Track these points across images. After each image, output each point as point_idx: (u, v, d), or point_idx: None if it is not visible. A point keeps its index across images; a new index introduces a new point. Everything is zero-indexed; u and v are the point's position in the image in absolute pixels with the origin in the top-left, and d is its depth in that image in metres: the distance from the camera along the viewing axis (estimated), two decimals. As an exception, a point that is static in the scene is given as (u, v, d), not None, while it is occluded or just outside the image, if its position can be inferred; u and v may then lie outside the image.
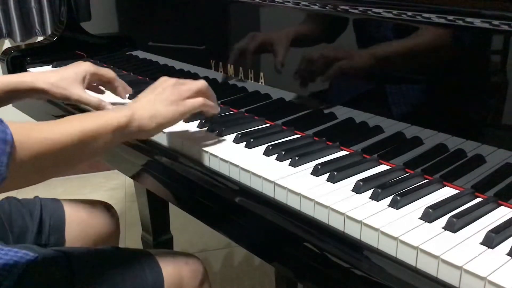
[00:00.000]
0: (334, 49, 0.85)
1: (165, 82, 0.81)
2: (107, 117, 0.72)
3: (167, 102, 0.78)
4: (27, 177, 0.64)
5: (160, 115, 0.77)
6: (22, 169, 0.61)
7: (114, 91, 1.03)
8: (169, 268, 0.86)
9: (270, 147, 0.82)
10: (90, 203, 1.09)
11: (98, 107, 0.95)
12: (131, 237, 1.90)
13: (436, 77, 0.73)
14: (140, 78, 1.29)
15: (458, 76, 0.71)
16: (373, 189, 0.69)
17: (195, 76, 1.13)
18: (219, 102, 1.06)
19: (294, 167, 0.77)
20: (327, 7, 0.82)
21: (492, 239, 0.58)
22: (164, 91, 0.80)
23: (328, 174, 0.73)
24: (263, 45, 0.94)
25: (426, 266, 0.57)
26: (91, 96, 0.97)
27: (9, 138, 0.58)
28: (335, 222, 0.65)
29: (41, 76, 0.95)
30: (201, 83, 0.83)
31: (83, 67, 0.98)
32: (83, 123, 0.69)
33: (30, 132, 0.62)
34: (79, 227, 1.02)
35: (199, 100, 0.82)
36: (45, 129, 0.65)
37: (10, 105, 1.00)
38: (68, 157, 0.68)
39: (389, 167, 0.77)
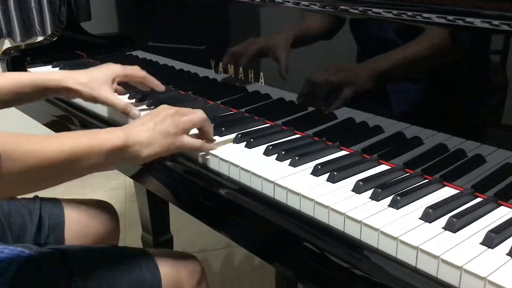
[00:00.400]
0: (333, 49, 0.85)
1: (165, 111, 0.80)
2: (102, 138, 0.71)
3: (166, 133, 0.77)
4: (13, 188, 0.63)
5: (157, 145, 0.76)
6: (8, 179, 0.60)
7: (147, 89, 1.04)
8: (167, 268, 0.86)
9: (270, 147, 0.82)
10: (90, 202, 1.09)
11: (124, 111, 0.95)
12: (131, 237, 1.89)
13: (436, 77, 0.73)
14: (140, 78, 1.29)
15: (458, 76, 0.71)
16: (373, 189, 0.69)
17: (194, 76, 1.13)
18: (219, 102, 1.07)
19: (294, 167, 0.77)
20: (327, 7, 0.82)
21: (492, 239, 0.58)
22: (163, 121, 0.78)
23: (328, 174, 0.73)
24: (264, 52, 0.94)
25: (426, 266, 0.57)
26: (118, 99, 0.98)
27: None
28: (335, 222, 0.65)
29: (71, 75, 0.96)
30: (200, 116, 0.82)
31: (112, 69, 0.99)
32: (76, 141, 0.68)
33: (19, 143, 0.62)
34: (78, 227, 1.02)
35: (198, 143, 0.81)
36: (35, 142, 0.64)
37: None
38: (56, 172, 0.67)
39: (389, 167, 0.77)
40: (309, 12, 0.87)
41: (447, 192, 0.70)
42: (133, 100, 1.08)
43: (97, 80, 0.96)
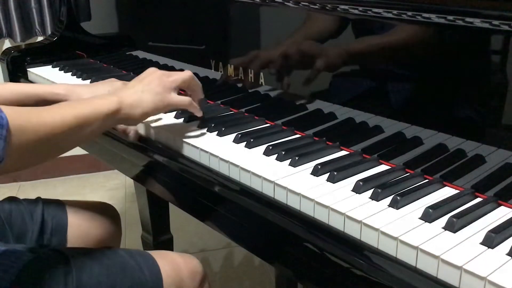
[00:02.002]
0: (333, 49, 0.85)
1: (152, 74, 0.85)
2: (97, 103, 0.76)
3: (153, 93, 0.82)
4: (25, 160, 0.67)
5: (146, 104, 0.81)
6: (22, 152, 0.64)
7: None
8: (168, 269, 0.86)
9: (270, 147, 0.82)
10: (92, 205, 1.08)
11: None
12: (131, 237, 1.90)
13: (436, 77, 0.73)
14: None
15: (458, 76, 0.71)
16: (373, 189, 0.69)
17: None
18: (219, 102, 1.07)
19: (294, 167, 0.77)
20: (327, 7, 0.82)
21: (492, 239, 0.58)
22: (150, 82, 0.83)
23: (328, 174, 0.73)
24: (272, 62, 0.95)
25: (426, 266, 0.57)
26: None
27: (4, 123, 0.60)
28: (335, 222, 0.65)
29: (75, 90, 0.98)
30: (186, 74, 0.87)
31: (115, 86, 0.99)
32: (77, 109, 0.73)
33: (30, 116, 0.66)
34: (81, 229, 1.02)
35: (186, 99, 0.87)
36: (44, 114, 0.68)
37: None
38: (63, 140, 0.72)
39: (389, 167, 0.77)
40: (309, 12, 0.87)
41: (447, 192, 0.70)
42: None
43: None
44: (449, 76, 0.72)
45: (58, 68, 1.39)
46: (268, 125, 0.95)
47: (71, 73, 1.34)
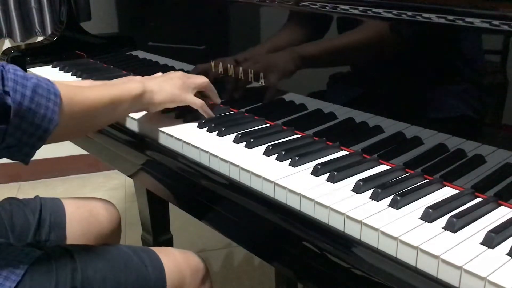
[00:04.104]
0: (333, 49, 0.85)
1: (173, 73, 0.97)
2: (127, 87, 0.87)
3: (173, 86, 0.93)
4: (71, 130, 0.80)
5: (165, 93, 0.92)
6: (69, 121, 0.75)
7: None
8: (170, 265, 0.87)
9: (270, 147, 0.82)
10: (91, 201, 1.09)
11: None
12: (131, 237, 1.90)
13: (436, 77, 0.73)
14: (140, 78, 1.29)
15: (458, 76, 0.71)
16: (373, 189, 0.69)
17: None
18: (219, 102, 1.06)
19: (294, 167, 0.77)
20: (327, 7, 0.82)
21: (492, 239, 0.58)
22: (172, 78, 0.95)
23: (328, 174, 0.73)
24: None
25: (426, 266, 0.57)
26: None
27: (58, 93, 0.72)
28: (335, 222, 0.65)
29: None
30: (204, 79, 0.99)
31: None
32: (112, 91, 0.85)
33: (76, 91, 0.78)
34: (80, 225, 1.02)
35: (200, 101, 0.96)
36: (87, 92, 0.80)
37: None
38: (101, 115, 0.83)
39: (389, 167, 0.77)
40: (309, 13, 0.86)
41: (447, 192, 0.70)
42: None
43: None
44: (449, 76, 0.72)
45: (58, 68, 1.39)
46: (268, 125, 0.95)
47: (71, 73, 1.34)
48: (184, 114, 0.97)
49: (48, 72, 1.37)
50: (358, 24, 0.80)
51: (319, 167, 0.75)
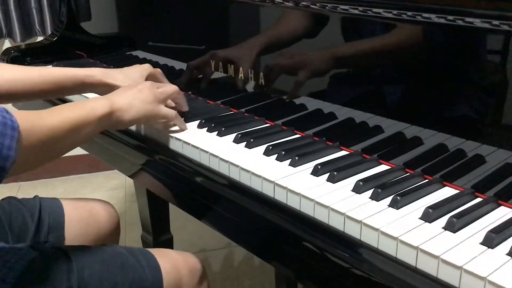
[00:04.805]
0: (334, 49, 0.85)
1: (142, 85, 0.88)
2: (92, 107, 0.80)
3: (144, 101, 0.86)
4: (32, 161, 0.71)
5: (136, 111, 0.84)
6: (28, 153, 0.67)
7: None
8: (167, 266, 0.87)
9: (270, 147, 0.82)
10: (90, 201, 1.09)
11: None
12: (131, 237, 1.89)
13: (436, 77, 0.73)
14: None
15: (458, 76, 0.71)
16: (373, 189, 0.69)
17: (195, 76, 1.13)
18: (219, 102, 1.07)
19: (294, 167, 0.77)
20: (327, 7, 0.82)
21: (492, 239, 0.58)
22: (141, 91, 0.86)
23: (328, 174, 0.73)
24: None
25: (426, 266, 0.57)
26: None
27: (15, 126, 0.64)
28: (335, 222, 0.65)
29: (108, 72, 1.00)
30: (174, 89, 0.92)
31: (143, 67, 1.01)
32: (74, 112, 0.76)
33: (34, 119, 0.70)
34: (78, 226, 1.02)
35: (173, 112, 0.90)
36: (45, 117, 0.72)
37: (10, 105, 1.01)
38: (64, 141, 0.75)
39: (389, 167, 0.77)
40: (309, 13, 0.86)
41: (447, 192, 0.70)
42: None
43: (132, 78, 0.98)
44: (449, 76, 0.72)
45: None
46: (268, 125, 0.95)
47: (71, 73, 1.34)
48: (184, 114, 0.97)
49: (48, 72, 1.36)
50: (358, 25, 0.80)
51: (319, 167, 0.75)
